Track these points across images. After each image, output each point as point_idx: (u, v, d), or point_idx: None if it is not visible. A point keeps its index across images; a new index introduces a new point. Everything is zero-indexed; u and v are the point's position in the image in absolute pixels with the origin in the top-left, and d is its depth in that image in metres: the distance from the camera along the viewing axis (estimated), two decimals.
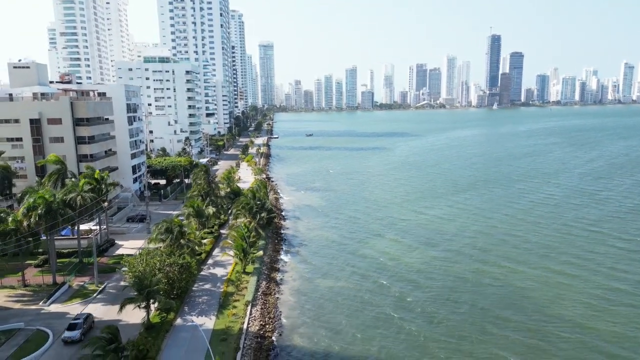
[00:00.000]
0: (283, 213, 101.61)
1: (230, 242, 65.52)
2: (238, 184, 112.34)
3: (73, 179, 69.19)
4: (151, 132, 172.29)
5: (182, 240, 57.53)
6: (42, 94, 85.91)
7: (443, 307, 56.13)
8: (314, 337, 49.36)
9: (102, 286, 58.50)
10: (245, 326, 48.02)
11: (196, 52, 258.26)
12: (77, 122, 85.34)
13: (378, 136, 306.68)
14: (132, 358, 41.17)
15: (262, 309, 53.30)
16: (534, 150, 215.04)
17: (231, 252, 64.85)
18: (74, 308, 52.86)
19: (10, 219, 57.04)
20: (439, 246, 78.45)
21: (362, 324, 52.19)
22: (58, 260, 64.78)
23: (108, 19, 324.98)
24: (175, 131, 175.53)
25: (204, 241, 70.63)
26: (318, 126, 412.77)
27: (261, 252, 67.84)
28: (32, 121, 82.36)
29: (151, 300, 46.82)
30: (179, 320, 49.65)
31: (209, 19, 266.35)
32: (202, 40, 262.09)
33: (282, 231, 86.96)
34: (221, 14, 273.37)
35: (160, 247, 56.47)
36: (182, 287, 52.61)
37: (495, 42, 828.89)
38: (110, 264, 66.49)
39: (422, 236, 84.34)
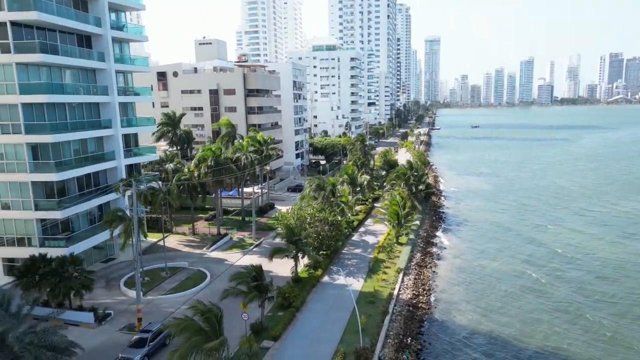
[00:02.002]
0: (443, 194, 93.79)
1: (382, 210, 61.22)
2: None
3: (240, 141, 72.79)
4: (315, 117, 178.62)
5: (332, 199, 55.22)
6: (221, 68, 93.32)
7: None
8: (471, 317, 42.24)
9: (259, 241, 59.89)
10: (395, 292, 43.27)
11: (362, 42, 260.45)
12: (248, 93, 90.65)
13: (557, 128, 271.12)
14: (277, 304, 40.14)
15: (415, 279, 47.92)
16: None
17: (385, 222, 60.60)
18: (233, 256, 54.64)
19: (185, 169, 61.83)
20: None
21: (525, 311, 43.74)
22: (224, 217, 69.10)
23: (285, 17, 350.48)
24: (337, 116, 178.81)
25: (357, 208, 67.74)
26: (485, 119, 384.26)
27: (417, 222, 62.04)
28: (211, 91, 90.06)
29: (299, 254, 45.25)
30: (326, 278, 47.25)
31: (376, 10, 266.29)
32: (368, 29, 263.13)
33: (442, 210, 79.63)
34: (388, 5, 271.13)
35: (312, 204, 55.02)
36: (331, 245, 50.08)
37: None
38: (267, 223, 68.31)
39: (610, 229, 68.84)
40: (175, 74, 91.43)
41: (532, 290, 48.54)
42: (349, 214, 60.20)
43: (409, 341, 35.52)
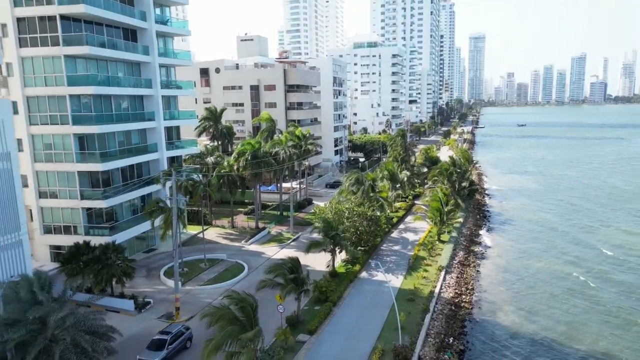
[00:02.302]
0: (487, 192, 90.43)
1: (423, 206, 59.42)
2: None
3: (279, 135, 72.71)
4: (355, 114, 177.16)
5: (372, 194, 53.97)
6: (262, 64, 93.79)
7: None
8: (515, 319, 40.15)
9: (296, 236, 59.54)
10: (437, 290, 41.65)
11: (404, 39, 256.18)
12: (288, 89, 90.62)
13: (610, 127, 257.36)
14: (314, 298, 39.50)
15: (457, 277, 46.06)
16: None
17: (427, 219, 58.78)
18: (270, 249, 54.46)
19: (225, 163, 62.25)
20: None
21: (571, 315, 41.41)
22: (262, 211, 69.28)
23: (326, 16, 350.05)
24: (377, 114, 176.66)
25: (397, 204, 66.11)
26: (533, 118, 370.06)
27: (460, 220, 59.82)
28: (251, 87, 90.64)
29: (337, 248, 44.39)
30: (364, 274, 46.16)
31: (420, 6, 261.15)
32: (411, 26, 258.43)
33: (486, 208, 76.65)
34: (432, 1, 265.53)
35: (350, 198, 53.95)
36: (369, 241, 48.91)
37: None
38: (305, 218, 67.85)
39: None
40: (217, 70, 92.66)
41: (580, 293, 45.86)
42: (388, 210, 58.77)
43: (451, 341, 33.96)
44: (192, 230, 59.35)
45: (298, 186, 79.65)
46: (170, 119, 55.25)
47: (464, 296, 42.34)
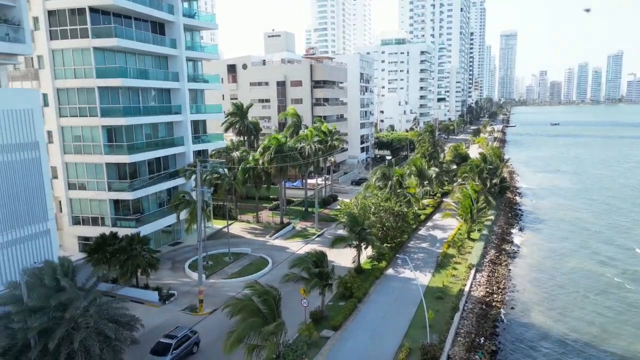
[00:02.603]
0: (519, 190, 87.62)
1: (452, 203, 57.67)
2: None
3: (305, 131, 72.06)
4: (382, 112, 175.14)
5: (399, 190, 52.61)
6: (288, 60, 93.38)
7: None
8: (547, 320, 38.35)
9: (321, 231, 58.77)
10: (467, 289, 40.10)
11: (432, 36, 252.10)
12: (315, 85, 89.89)
13: None
14: (338, 293, 38.62)
15: (489, 276, 44.38)
16: None
17: (456, 216, 57.02)
18: (295, 245, 53.88)
19: (250, 157, 61.96)
20: None
21: (606, 317, 39.35)
22: (287, 207, 68.82)
23: (354, 14, 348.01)
24: (404, 111, 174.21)
25: (424, 201, 64.49)
26: (566, 117, 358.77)
27: (492, 217, 57.81)
28: (278, 83, 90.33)
29: (362, 244, 43.34)
30: (390, 270, 44.95)
31: (449, 2, 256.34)
32: (440, 23, 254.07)
33: (518, 207, 74.12)
34: None
35: (377, 194, 52.70)
36: (396, 237, 47.62)
37: None
38: (330, 214, 67.01)
39: None
40: (244, 67, 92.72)
41: (614, 294, 43.62)
42: (416, 207, 57.32)
43: (482, 341, 32.49)
44: (218, 224, 59.30)
45: (323, 182, 78.84)
46: (197, 112, 55.30)
47: (495, 295, 40.67)
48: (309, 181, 75.89)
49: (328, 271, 34.04)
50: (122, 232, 41.65)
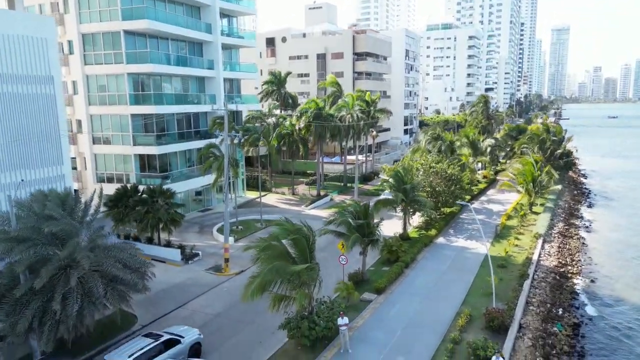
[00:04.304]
0: (582, 172, 79.41)
1: (510, 174, 51.16)
2: None
3: (345, 99, 67.11)
4: (426, 98, 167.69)
5: (451, 156, 46.78)
6: (330, 32, 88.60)
7: None
8: (635, 297, 31.61)
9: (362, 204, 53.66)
10: (535, 257, 33.99)
11: (481, 22, 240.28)
12: (357, 57, 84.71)
13: None
14: (382, 259, 33.68)
15: (559, 247, 38.06)
16: None
17: (517, 186, 50.41)
18: (331, 214, 49.02)
19: (287, 123, 57.66)
20: None
21: None
22: (325, 183, 64.28)
23: (398, 5, 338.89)
24: (450, 98, 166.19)
25: (478, 175, 58.10)
26: (624, 112, 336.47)
27: (558, 187, 50.89)
28: (318, 56, 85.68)
29: (409, 208, 37.99)
30: (441, 239, 39.37)
31: None
32: (490, 9, 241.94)
33: (584, 186, 66.42)
34: None
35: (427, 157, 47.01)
36: (449, 203, 41.84)
37: None
38: (371, 190, 61.97)
39: None
40: (283, 40, 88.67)
41: None
42: (469, 175, 51.14)
43: (560, 312, 26.55)
44: (251, 195, 55.46)
45: (364, 158, 73.76)
46: (231, 70, 51.51)
47: (569, 267, 34.40)
48: (349, 157, 71.09)
49: (372, 225, 29.04)
50: None
